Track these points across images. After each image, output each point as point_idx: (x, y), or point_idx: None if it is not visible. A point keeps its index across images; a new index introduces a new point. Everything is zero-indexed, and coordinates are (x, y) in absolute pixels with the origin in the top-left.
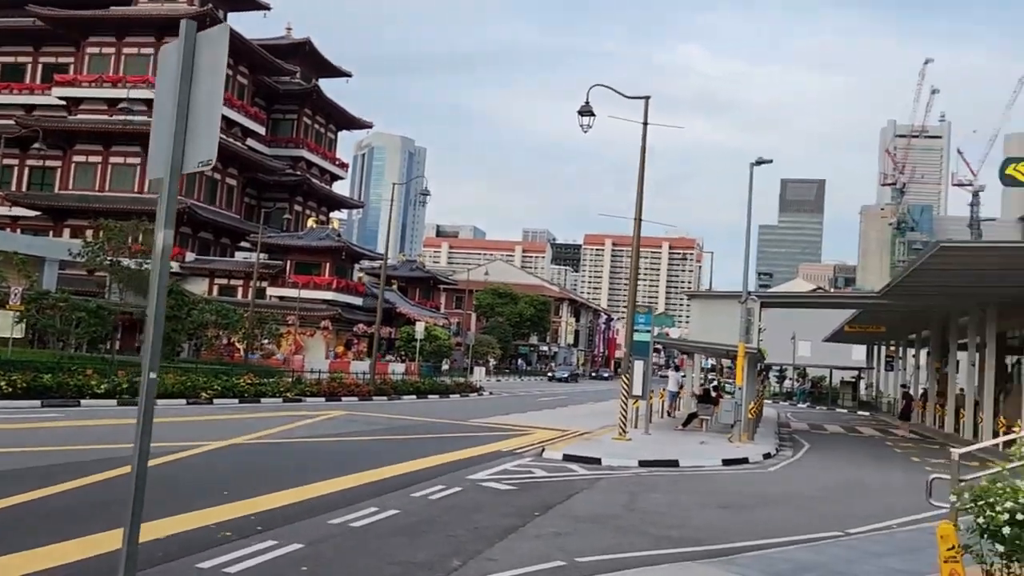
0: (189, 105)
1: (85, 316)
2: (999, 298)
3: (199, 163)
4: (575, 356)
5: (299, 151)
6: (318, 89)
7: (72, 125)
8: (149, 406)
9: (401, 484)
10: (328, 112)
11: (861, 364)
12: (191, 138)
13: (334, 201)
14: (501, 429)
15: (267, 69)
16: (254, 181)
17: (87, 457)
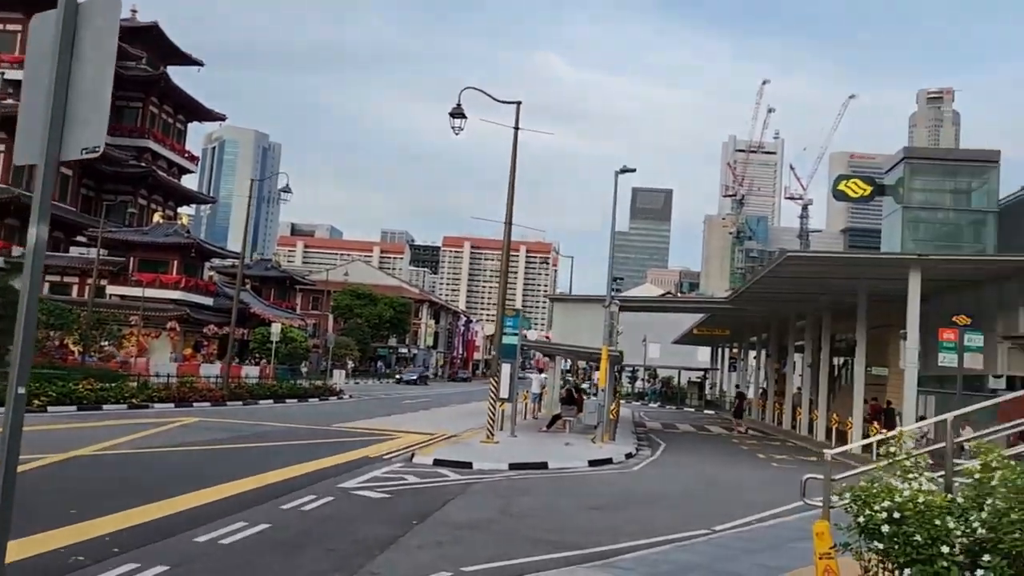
0: (70, 83)
1: None
2: (832, 304)
3: (83, 150)
4: (434, 358)
5: (144, 141)
6: (166, 76)
7: None
8: (16, 424)
9: (269, 495)
10: (177, 101)
11: (706, 365)
12: (73, 122)
13: (183, 195)
14: (366, 434)
15: None
16: (92, 171)
17: None
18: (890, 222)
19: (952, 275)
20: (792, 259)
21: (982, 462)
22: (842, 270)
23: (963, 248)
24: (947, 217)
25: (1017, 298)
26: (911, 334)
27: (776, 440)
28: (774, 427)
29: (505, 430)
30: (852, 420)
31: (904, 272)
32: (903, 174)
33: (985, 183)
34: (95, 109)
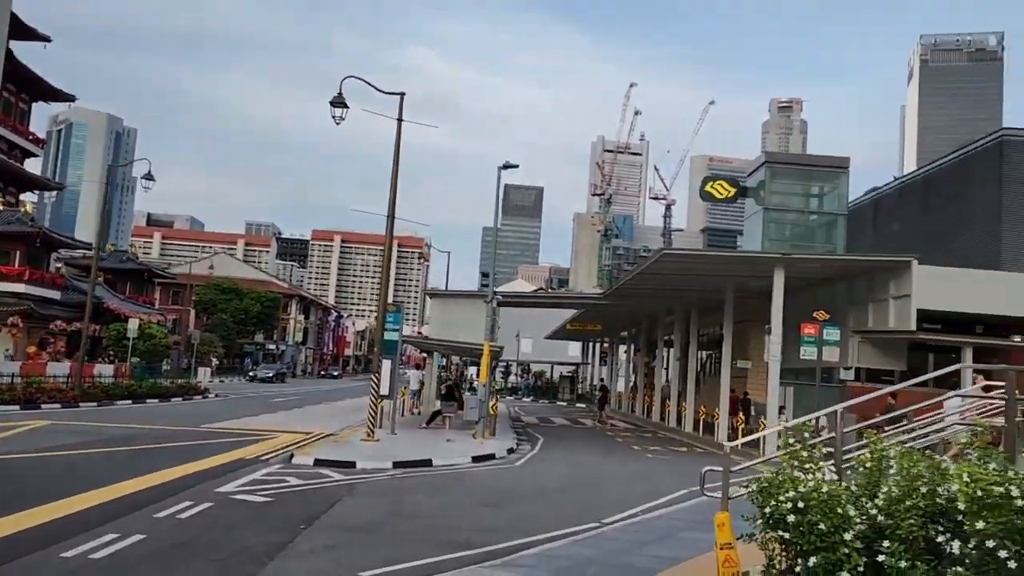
0: None
1: None
2: (700, 300)
3: None
4: (304, 354)
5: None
6: (8, 51)
7: None
8: None
9: (141, 503)
10: (20, 79)
11: (577, 360)
12: None
13: (26, 180)
14: (239, 434)
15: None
16: None
17: None
18: (752, 222)
19: (811, 273)
20: (668, 256)
21: (873, 451)
22: (713, 267)
23: (816, 248)
24: (802, 219)
25: (866, 295)
26: (775, 329)
27: (648, 432)
28: (644, 419)
29: (385, 427)
30: (719, 411)
31: (770, 270)
32: (764, 177)
33: (836, 187)
34: None
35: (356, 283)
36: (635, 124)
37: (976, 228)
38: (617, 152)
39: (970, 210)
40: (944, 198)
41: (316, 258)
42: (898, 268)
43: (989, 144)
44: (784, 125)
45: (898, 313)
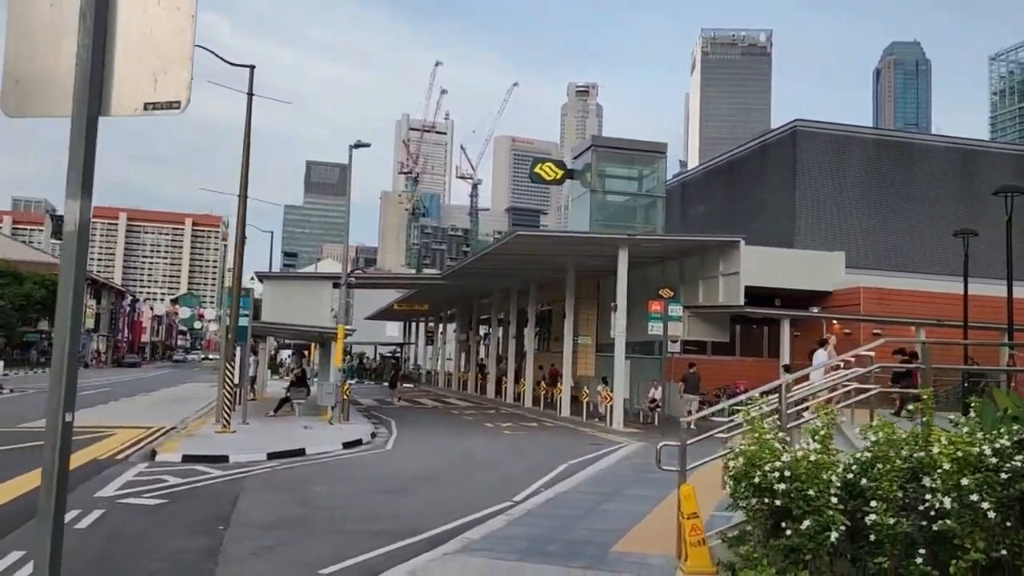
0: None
1: None
2: (538, 279)
3: (168, 103)
4: (96, 342)
5: None
6: None
7: None
8: (65, 453)
9: (17, 515)
10: None
11: (396, 339)
12: (148, 59)
13: None
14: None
15: None
16: None
17: None
18: (579, 203)
19: (647, 253)
20: (521, 238)
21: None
22: (559, 248)
23: (637, 228)
24: (627, 200)
25: (697, 272)
26: (620, 305)
27: (490, 409)
28: (480, 396)
29: (234, 417)
30: (561, 387)
31: (615, 250)
32: (590, 160)
33: (655, 171)
34: (181, 42)
35: (146, 264)
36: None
37: (774, 210)
38: (423, 131)
39: (769, 193)
40: (746, 182)
41: (99, 237)
42: (728, 247)
43: (784, 133)
44: (581, 109)
45: (727, 289)
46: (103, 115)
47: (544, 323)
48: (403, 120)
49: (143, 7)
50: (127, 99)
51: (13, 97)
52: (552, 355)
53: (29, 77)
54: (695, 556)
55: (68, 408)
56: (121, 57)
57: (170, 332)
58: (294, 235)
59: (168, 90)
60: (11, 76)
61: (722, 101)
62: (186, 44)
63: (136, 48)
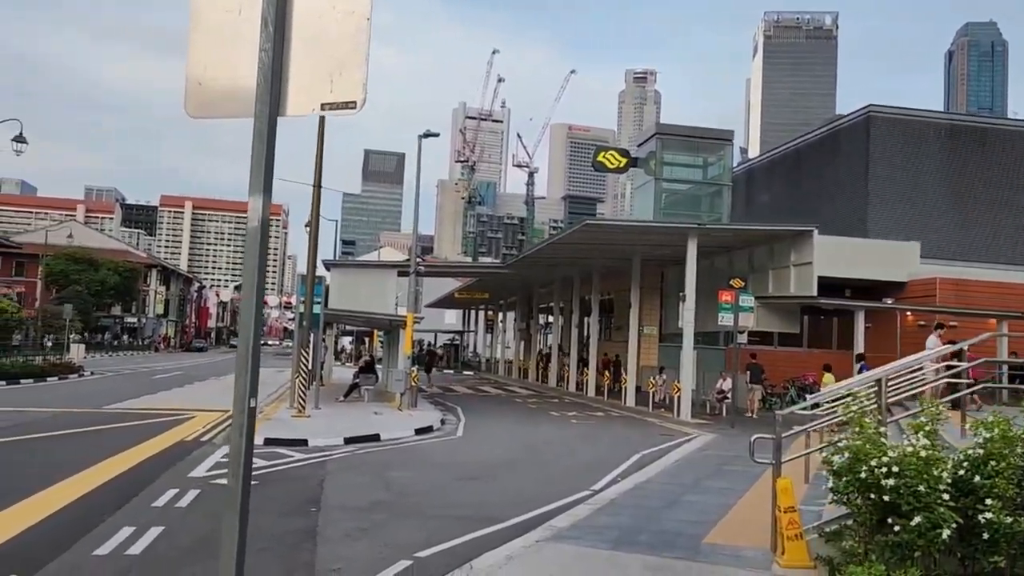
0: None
1: None
2: (601, 268)
3: (343, 103)
4: (165, 327)
5: None
6: None
7: None
8: (250, 436)
9: (124, 493)
10: None
11: (454, 327)
12: (324, 60)
13: None
14: (151, 415)
15: None
16: None
17: None
18: (642, 192)
19: (716, 243)
20: (589, 227)
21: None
22: (626, 237)
23: (703, 216)
24: (691, 189)
25: (766, 262)
26: (689, 296)
27: (553, 397)
28: (542, 385)
29: (308, 402)
30: (626, 376)
31: (683, 239)
32: (655, 148)
33: (721, 158)
34: (357, 39)
35: (211, 252)
36: (498, 91)
37: (844, 198)
38: (480, 119)
39: (839, 181)
40: (814, 169)
41: (166, 226)
42: (801, 237)
43: (857, 119)
44: (639, 96)
45: (799, 279)
46: (281, 116)
47: (605, 312)
48: (460, 108)
49: (319, 11)
50: (304, 100)
51: (196, 99)
52: (614, 344)
53: (211, 81)
54: (792, 550)
55: (252, 394)
56: (298, 60)
57: (234, 318)
58: (352, 223)
59: (344, 90)
60: (194, 79)
61: (785, 86)
62: (361, 45)
63: (313, 50)
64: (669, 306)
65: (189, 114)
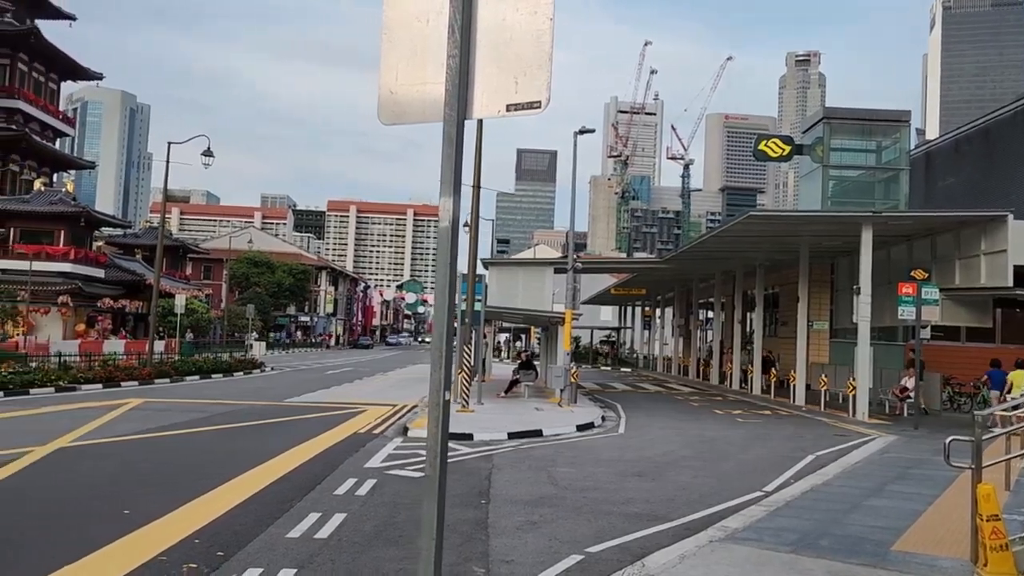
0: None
1: None
2: (765, 261)
3: (528, 103)
4: (334, 325)
5: (14, 102)
6: (37, 32)
7: None
8: (445, 430)
9: (307, 482)
10: (49, 59)
11: (610, 323)
12: (509, 63)
13: (59, 160)
14: (327, 408)
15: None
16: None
17: None
18: (809, 180)
19: (896, 231)
20: (753, 218)
21: None
22: (791, 228)
23: (877, 204)
24: (862, 175)
25: (952, 251)
26: (864, 288)
27: (715, 395)
28: (702, 382)
29: (471, 398)
30: (795, 373)
31: (856, 229)
32: (821, 133)
33: (896, 141)
34: (539, 42)
35: (374, 253)
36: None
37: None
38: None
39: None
40: (1006, 150)
41: (332, 229)
42: (993, 223)
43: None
44: (801, 79)
45: (990, 269)
46: (468, 119)
47: (770, 307)
48: (611, 103)
49: (503, 15)
50: (490, 102)
51: (388, 107)
52: (780, 341)
53: (402, 89)
54: (997, 561)
55: (447, 387)
56: (484, 64)
57: (396, 316)
58: (506, 222)
59: (529, 91)
60: (386, 88)
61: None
62: (545, 46)
63: (498, 54)
64: (840, 300)
65: (382, 121)
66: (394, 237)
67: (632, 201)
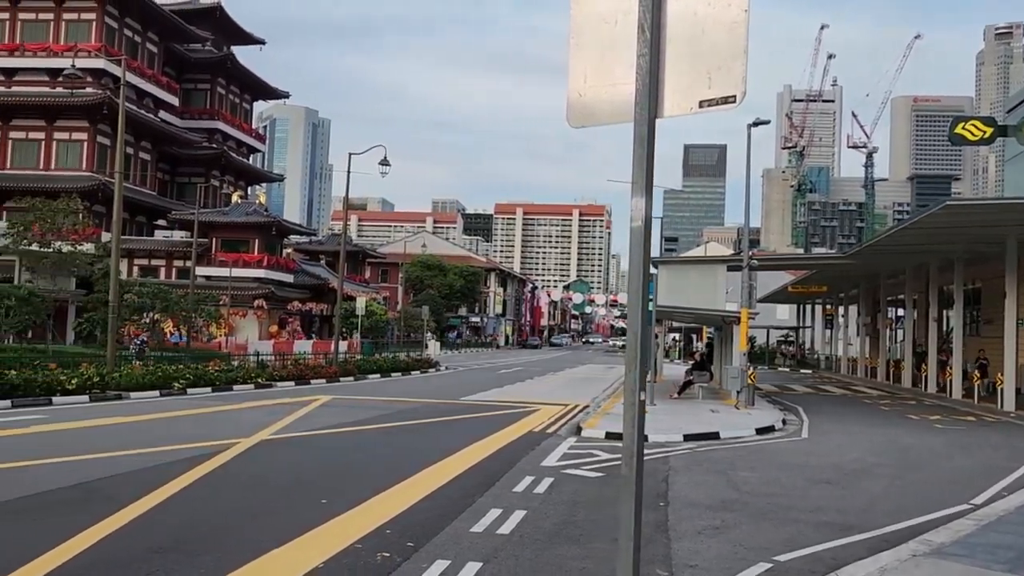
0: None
1: (15, 304)
2: (965, 252)
3: (722, 99)
4: (503, 326)
5: (214, 123)
6: (232, 57)
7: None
8: (640, 428)
9: (487, 478)
10: (243, 81)
11: (786, 322)
12: (701, 58)
13: (252, 174)
14: (503, 407)
15: (177, 36)
16: (167, 155)
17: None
18: (1016, 164)
19: None
20: (951, 208)
21: None
22: (997, 217)
23: None
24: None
25: None
26: None
27: (908, 399)
28: (891, 384)
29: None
30: (1002, 376)
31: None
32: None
33: None
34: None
35: (540, 254)
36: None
37: None
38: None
39: None
40: None
41: (500, 231)
42: None
43: None
44: (1002, 55)
45: None
46: (659, 118)
47: (969, 304)
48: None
49: (693, 9)
50: (681, 100)
51: (576, 110)
52: (983, 340)
53: (590, 91)
54: None
55: (642, 388)
56: (675, 61)
57: (564, 316)
58: (673, 219)
59: (723, 86)
60: (574, 91)
61: None
62: (739, 38)
63: (689, 50)
64: None
65: (570, 124)
66: (560, 238)
67: (809, 194)
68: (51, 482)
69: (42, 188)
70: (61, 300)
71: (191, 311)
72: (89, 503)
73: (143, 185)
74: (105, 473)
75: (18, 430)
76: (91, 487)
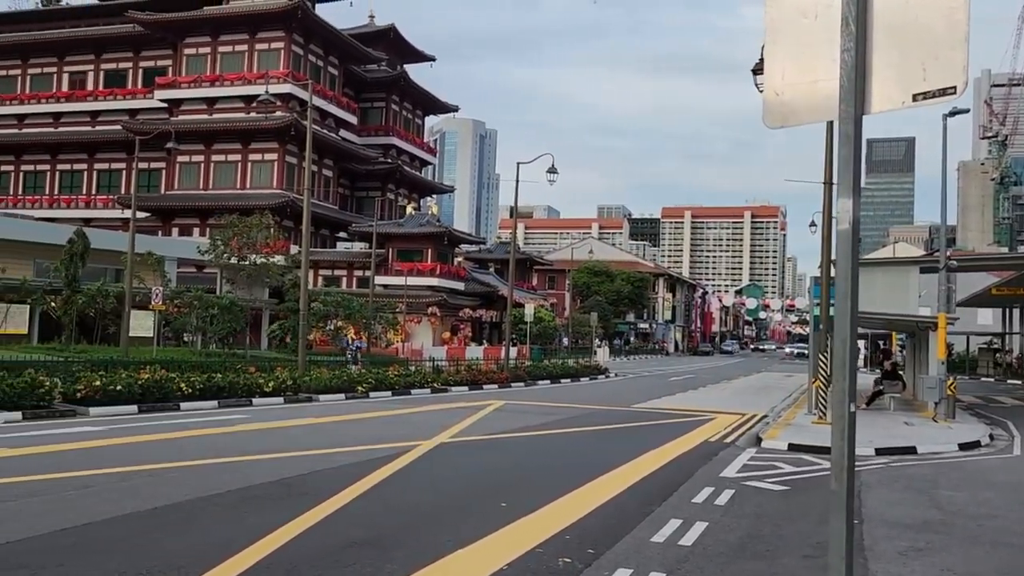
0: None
1: (218, 312)
2: None
3: (940, 90)
4: (673, 332)
5: (389, 139)
6: (405, 75)
7: (176, 126)
8: (851, 441)
9: (664, 488)
10: (415, 98)
11: (989, 328)
12: (914, 48)
13: (425, 186)
14: (676, 415)
15: (355, 58)
16: (347, 171)
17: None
18: None
19: None
20: None
21: None
22: None
23: None
24: None
25: None
26: None
27: None
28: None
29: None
30: None
31: None
32: None
33: None
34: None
35: (710, 258)
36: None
37: None
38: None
39: None
40: None
41: (667, 236)
42: None
43: None
44: None
45: None
46: (866, 114)
47: None
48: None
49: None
50: (892, 94)
51: (774, 110)
52: None
53: (789, 89)
54: None
55: (852, 399)
56: (883, 53)
57: (736, 322)
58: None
59: (940, 76)
60: (771, 91)
61: None
62: (959, 24)
63: (900, 40)
64: None
65: (767, 125)
66: (731, 241)
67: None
68: (256, 477)
69: (238, 206)
70: (256, 308)
71: (371, 318)
72: (288, 499)
73: (326, 200)
74: (302, 470)
75: (227, 428)
76: (289, 483)
